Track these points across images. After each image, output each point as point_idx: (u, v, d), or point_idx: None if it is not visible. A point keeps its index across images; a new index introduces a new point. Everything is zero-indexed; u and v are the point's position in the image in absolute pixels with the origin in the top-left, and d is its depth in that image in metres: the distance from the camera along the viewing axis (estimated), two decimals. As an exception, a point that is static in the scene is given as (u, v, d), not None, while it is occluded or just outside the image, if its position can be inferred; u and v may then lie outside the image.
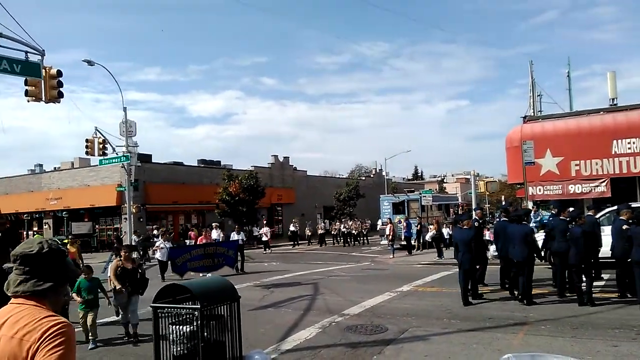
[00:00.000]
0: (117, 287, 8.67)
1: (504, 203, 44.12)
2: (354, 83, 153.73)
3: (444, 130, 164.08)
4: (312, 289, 13.73)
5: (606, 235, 11.30)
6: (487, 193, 35.81)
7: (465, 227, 10.86)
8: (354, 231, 31.86)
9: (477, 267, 11.39)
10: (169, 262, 15.81)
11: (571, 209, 12.76)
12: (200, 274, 15.54)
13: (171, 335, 4.95)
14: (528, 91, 26.62)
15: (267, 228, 30.17)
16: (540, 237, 12.18)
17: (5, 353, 1.78)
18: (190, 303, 5.24)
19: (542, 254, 11.86)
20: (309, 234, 33.93)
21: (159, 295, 5.45)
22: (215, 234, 22.82)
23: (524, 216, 11.23)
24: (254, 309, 10.91)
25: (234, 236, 20.19)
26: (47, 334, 1.77)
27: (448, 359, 6.91)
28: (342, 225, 32.81)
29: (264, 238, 29.17)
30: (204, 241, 18.55)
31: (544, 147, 20.01)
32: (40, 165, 43.89)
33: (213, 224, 27.30)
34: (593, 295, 9.90)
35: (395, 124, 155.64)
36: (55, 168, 41.64)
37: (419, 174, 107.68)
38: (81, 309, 8.44)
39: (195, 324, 4.91)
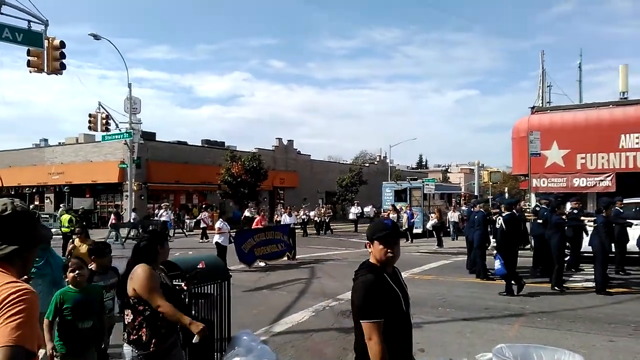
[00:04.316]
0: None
1: (507, 196, 43.96)
2: (363, 69, 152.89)
3: (451, 120, 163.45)
4: (308, 272, 13.66)
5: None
6: (491, 183, 35.59)
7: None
8: (316, 218, 29.30)
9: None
10: (236, 249, 13.96)
11: (551, 198, 12.98)
12: (266, 263, 14.63)
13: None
14: (538, 82, 26.23)
15: (206, 213, 25.98)
16: None
17: None
18: (179, 280, 5.12)
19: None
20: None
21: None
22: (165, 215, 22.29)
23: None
24: (249, 290, 10.85)
25: (286, 219, 18.72)
26: (6, 300, 1.64)
27: (440, 347, 6.81)
28: (303, 212, 28.31)
29: (202, 225, 25.24)
30: (262, 224, 16.40)
31: (551, 139, 19.70)
32: (46, 140, 43.80)
33: (163, 205, 26.40)
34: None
35: (402, 112, 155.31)
36: (59, 143, 41.56)
37: (423, 163, 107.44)
38: (61, 350, 4.12)
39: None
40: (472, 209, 13.92)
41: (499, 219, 10.74)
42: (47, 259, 5.27)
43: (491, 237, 14.70)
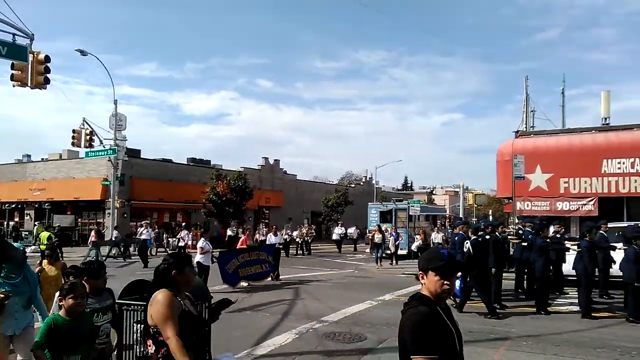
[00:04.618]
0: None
1: (491, 218, 44.19)
2: (350, 90, 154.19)
3: (437, 143, 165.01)
4: (292, 293, 13.46)
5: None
6: (476, 206, 35.83)
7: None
8: (297, 239, 28.82)
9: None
10: (220, 270, 13.87)
11: (536, 221, 13.12)
12: (249, 283, 14.46)
13: (135, 335, 4.66)
14: (522, 106, 26.62)
15: (186, 231, 25.64)
16: None
17: None
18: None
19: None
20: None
21: (125, 292, 5.18)
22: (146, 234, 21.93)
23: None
24: (231, 312, 10.60)
25: (272, 239, 18.37)
26: None
27: (426, 372, 6.68)
28: (285, 232, 26.39)
29: (181, 243, 24.58)
30: (247, 244, 16.50)
31: (535, 163, 19.94)
32: (29, 156, 43.11)
33: (143, 222, 24.76)
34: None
35: (388, 134, 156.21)
36: (42, 159, 40.93)
37: (409, 185, 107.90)
38: None
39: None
40: (453, 231, 13.96)
41: (467, 242, 11.01)
42: (25, 276, 5.09)
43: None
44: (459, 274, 10.50)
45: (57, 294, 4.14)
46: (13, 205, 36.87)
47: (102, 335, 4.55)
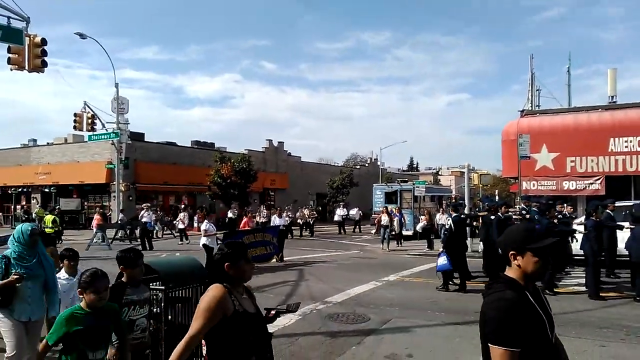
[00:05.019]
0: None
1: (497, 198, 43.88)
2: (354, 71, 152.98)
3: (442, 123, 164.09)
4: (296, 274, 13.46)
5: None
6: (481, 186, 35.57)
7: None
8: (299, 220, 28.66)
9: None
10: None
11: (543, 201, 13.17)
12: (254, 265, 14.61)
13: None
14: (527, 85, 26.23)
15: (185, 213, 25.76)
16: None
17: None
18: (158, 284, 4.90)
19: None
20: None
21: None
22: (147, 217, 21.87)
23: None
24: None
25: (276, 220, 18.38)
26: None
27: (429, 352, 6.65)
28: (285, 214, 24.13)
29: (181, 225, 24.70)
30: (249, 225, 16.47)
31: (540, 142, 19.70)
32: (34, 140, 43.20)
33: (144, 205, 24.64)
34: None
35: (393, 115, 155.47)
36: (48, 143, 40.96)
37: (414, 166, 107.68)
38: None
39: (159, 306, 4.59)
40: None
41: (448, 220, 11.67)
42: (39, 259, 4.76)
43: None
44: (443, 249, 11.26)
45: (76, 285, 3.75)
46: (19, 190, 37.05)
47: (137, 329, 4.20)
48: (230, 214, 27.06)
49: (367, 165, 61.23)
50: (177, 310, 4.75)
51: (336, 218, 32.31)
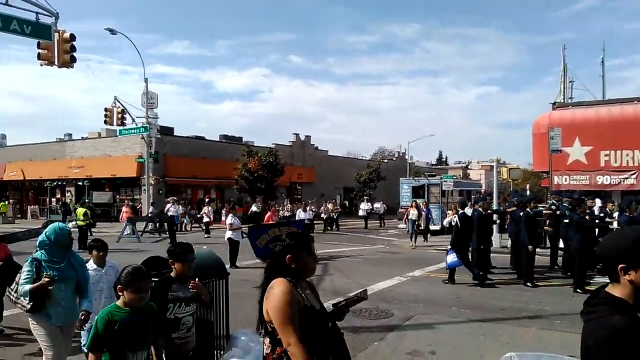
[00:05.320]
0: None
1: (528, 193, 42.87)
2: (383, 64, 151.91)
3: (472, 116, 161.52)
4: (320, 269, 13.44)
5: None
6: (510, 180, 34.90)
7: None
8: (323, 215, 28.15)
9: None
10: (251, 244, 13.72)
11: (575, 196, 12.91)
12: None
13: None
14: (560, 77, 25.51)
15: (210, 207, 25.95)
16: None
17: None
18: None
19: None
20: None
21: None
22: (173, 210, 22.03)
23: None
24: (256, 287, 10.68)
25: (300, 214, 18.42)
26: None
27: (453, 349, 6.54)
28: (309, 208, 24.41)
29: (205, 219, 24.85)
30: (273, 219, 16.63)
31: (573, 135, 19.19)
32: (70, 135, 44.44)
33: (170, 199, 25.60)
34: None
35: (423, 108, 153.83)
36: (82, 138, 42.04)
37: (443, 160, 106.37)
38: None
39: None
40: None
41: (454, 217, 11.72)
42: (69, 260, 4.58)
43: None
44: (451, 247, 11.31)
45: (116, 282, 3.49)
46: (55, 183, 38.17)
47: (182, 329, 3.91)
48: (254, 208, 27.24)
49: (394, 159, 60.78)
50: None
51: (361, 212, 32.15)
